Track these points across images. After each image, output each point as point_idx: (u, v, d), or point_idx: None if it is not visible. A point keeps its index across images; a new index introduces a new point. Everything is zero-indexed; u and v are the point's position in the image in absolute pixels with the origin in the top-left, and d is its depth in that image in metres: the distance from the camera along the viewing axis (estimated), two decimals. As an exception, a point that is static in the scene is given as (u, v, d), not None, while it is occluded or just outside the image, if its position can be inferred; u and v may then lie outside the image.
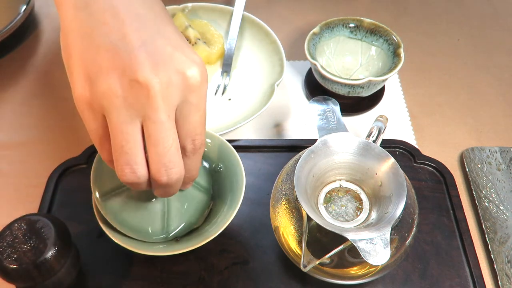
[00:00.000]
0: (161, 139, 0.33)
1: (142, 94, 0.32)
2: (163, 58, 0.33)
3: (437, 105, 0.63)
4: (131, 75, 0.32)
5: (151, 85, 0.32)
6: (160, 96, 0.32)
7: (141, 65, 0.32)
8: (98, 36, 0.33)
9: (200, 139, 0.36)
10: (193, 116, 0.35)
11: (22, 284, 0.39)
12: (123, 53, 0.32)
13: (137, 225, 0.42)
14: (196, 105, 0.35)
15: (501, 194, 0.53)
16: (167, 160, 0.34)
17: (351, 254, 0.40)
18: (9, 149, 0.58)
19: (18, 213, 0.41)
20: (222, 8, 0.69)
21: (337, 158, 0.43)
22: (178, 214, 0.44)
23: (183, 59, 0.33)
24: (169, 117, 0.33)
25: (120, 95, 0.32)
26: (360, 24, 0.61)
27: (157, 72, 0.32)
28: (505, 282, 0.46)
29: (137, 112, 0.32)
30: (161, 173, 0.34)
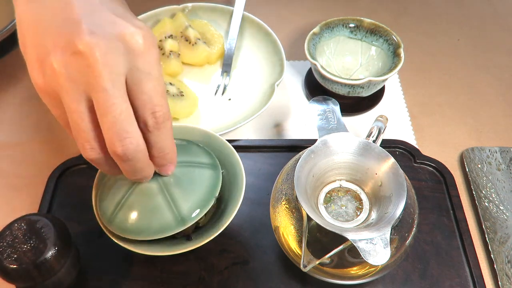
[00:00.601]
0: (108, 108, 0.32)
1: (83, 64, 0.31)
2: (103, 25, 0.32)
3: (437, 105, 0.63)
4: (71, 48, 0.31)
5: (89, 52, 0.31)
6: (101, 63, 0.31)
7: (79, 35, 0.31)
8: (46, 21, 0.33)
9: (161, 110, 0.34)
10: (145, 84, 0.33)
11: (22, 284, 0.40)
12: (65, 30, 0.32)
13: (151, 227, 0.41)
14: (146, 72, 0.33)
15: (501, 194, 0.53)
16: (119, 129, 0.32)
17: (351, 254, 0.40)
18: (9, 149, 0.58)
19: (18, 213, 0.41)
20: (222, 8, 0.69)
21: (337, 158, 0.43)
22: (184, 197, 0.42)
23: (124, 24, 0.33)
24: (114, 85, 0.32)
25: (64, 72, 0.32)
26: (360, 24, 0.61)
27: (95, 38, 0.31)
28: (505, 282, 0.46)
29: (83, 86, 0.32)
30: (114, 144, 0.33)
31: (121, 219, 0.42)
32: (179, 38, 0.65)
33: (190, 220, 0.41)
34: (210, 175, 0.44)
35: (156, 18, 0.67)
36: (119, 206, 0.42)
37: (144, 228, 0.41)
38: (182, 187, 0.42)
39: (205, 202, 0.42)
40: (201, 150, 0.46)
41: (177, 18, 0.66)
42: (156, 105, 0.34)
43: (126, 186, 0.42)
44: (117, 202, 0.42)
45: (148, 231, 0.41)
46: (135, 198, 0.41)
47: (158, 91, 0.34)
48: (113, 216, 0.42)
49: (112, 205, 0.42)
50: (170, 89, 0.59)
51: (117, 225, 0.42)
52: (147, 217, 0.41)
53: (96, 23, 0.32)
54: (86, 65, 0.31)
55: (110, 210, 0.42)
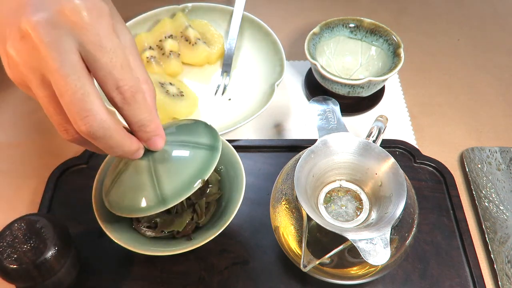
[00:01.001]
0: (62, 88, 0.31)
1: (31, 47, 0.30)
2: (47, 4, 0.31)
3: (437, 105, 0.63)
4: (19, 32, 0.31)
5: (33, 32, 0.30)
6: (45, 42, 0.30)
7: (22, 18, 0.30)
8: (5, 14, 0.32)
9: (125, 84, 0.32)
10: (100, 58, 0.31)
11: (22, 284, 0.40)
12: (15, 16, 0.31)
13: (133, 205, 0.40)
14: (97, 45, 0.31)
15: (501, 194, 0.53)
16: (78, 109, 0.31)
17: (351, 254, 0.40)
18: (9, 149, 0.58)
19: (18, 213, 0.41)
20: (222, 8, 0.69)
21: (337, 158, 0.43)
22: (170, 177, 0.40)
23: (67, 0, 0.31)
24: (63, 62, 0.30)
25: (20, 60, 0.31)
26: (360, 24, 0.61)
27: (36, 18, 0.30)
28: (505, 282, 0.46)
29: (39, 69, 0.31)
30: (77, 123, 0.32)
31: (112, 195, 0.41)
32: (179, 38, 0.65)
33: (171, 202, 0.39)
34: (204, 156, 0.41)
35: (156, 18, 0.67)
36: (113, 182, 0.41)
37: (127, 205, 0.40)
38: (170, 167, 0.40)
39: (190, 185, 0.40)
40: (205, 130, 0.43)
41: (177, 18, 0.66)
42: (119, 79, 0.32)
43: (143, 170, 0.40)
44: (113, 178, 0.41)
45: (130, 209, 0.40)
46: (126, 174, 0.40)
47: (116, 64, 0.32)
48: (108, 192, 0.41)
49: (109, 181, 0.42)
50: (170, 89, 0.59)
51: (109, 200, 0.41)
52: (131, 194, 0.40)
53: (42, 3, 0.31)
54: (33, 47, 0.30)
55: (107, 186, 0.42)
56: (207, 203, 0.46)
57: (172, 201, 0.39)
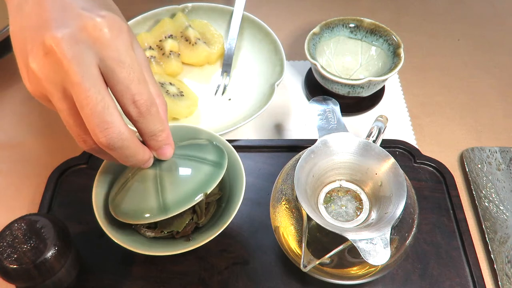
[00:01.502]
0: (83, 101, 0.32)
1: (54, 61, 0.32)
2: (69, 21, 0.32)
3: (437, 105, 0.63)
4: (42, 48, 0.32)
5: (56, 48, 0.31)
6: (68, 56, 0.31)
7: (46, 34, 0.32)
8: (26, 30, 0.34)
9: (141, 98, 0.34)
10: (119, 73, 0.33)
11: (22, 284, 0.40)
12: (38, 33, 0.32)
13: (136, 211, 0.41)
14: (116, 60, 0.33)
15: (501, 194, 0.53)
16: (98, 121, 0.33)
17: (351, 254, 0.40)
18: (9, 149, 0.58)
19: (18, 213, 0.41)
20: (222, 8, 0.69)
21: (337, 158, 0.43)
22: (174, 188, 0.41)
23: (88, 15, 0.33)
24: (85, 76, 0.32)
25: (42, 74, 0.32)
26: (360, 24, 0.61)
27: (59, 34, 0.31)
28: (505, 282, 0.46)
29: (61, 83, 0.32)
30: (97, 135, 0.33)
31: (118, 200, 0.42)
32: (179, 38, 0.65)
33: (171, 211, 0.41)
34: (208, 171, 0.43)
35: (156, 18, 0.67)
36: (120, 189, 0.43)
37: (130, 210, 0.41)
38: (175, 178, 0.41)
39: (191, 196, 0.41)
40: (213, 149, 0.45)
41: (177, 18, 0.66)
42: (135, 93, 0.34)
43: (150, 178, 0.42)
44: (120, 186, 0.43)
45: (132, 214, 0.41)
46: (133, 181, 0.42)
47: (133, 78, 0.34)
48: (114, 198, 0.43)
49: (116, 188, 0.43)
50: (170, 89, 0.59)
51: (114, 206, 0.43)
52: (135, 201, 0.41)
53: (64, 20, 0.33)
54: (56, 62, 0.32)
55: (114, 193, 0.43)
56: (207, 203, 0.46)
57: (173, 210, 0.41)
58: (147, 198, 0.41)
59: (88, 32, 0.32)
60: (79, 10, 0.33)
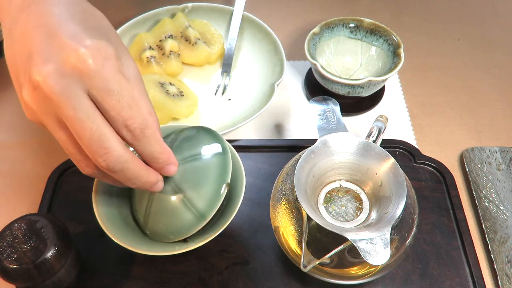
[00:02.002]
0: (79, 132, 0.33)
1: (44, 97, 0.32)
2: (53, 54, 0.32)
3: (437, 105, 0.63)
4: (31, 83, 0.32)
5: (43, 84, 0.31)
6: (56, 91, 0.31)
7: (33, 69, 0.32)
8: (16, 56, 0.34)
9: (134, 123, 0.34)
10: (108, 101, 0.33)
11: (22, 284, 0.40)
12: (26, 66, 0.33)
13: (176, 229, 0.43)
14: (104, 89, 0.33)
15: (501, 194, 0.53)
16: (96, 147, 0.33)
17: (351, 254, 0.40)
18: (9, 149, 0.58)
19: (18, 213, 0.41)
20: (222, 8, 0.69)
21: (337, 158, 0.43)
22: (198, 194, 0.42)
23: (72, 46, 0.32)
24: (76, 108, 0.32)
25: (35, 107, 0.33)
26: (360, 24, 0.61)
27: (44, 69, 0.31)
28: (505, 282, 0.46)
29: (55, 115, 0.33)
30: (97, 160, 0.34)
31: (151, 226, 0.43)
32: (179, 38, 0.65)
33: (208, 215, 0.42)
34: (217, 163, 0.43)
35: (156, 18, 0.67)
36: (147, 214, 0.43)
37: (171, 231, 0.43)
38: (193, 184, 0.42)
39: (217, 192, 0.42)
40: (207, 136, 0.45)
41: (177, 18, 0.66)
42: (127, 119, 0.34)
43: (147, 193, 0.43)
44: (145, 211, 0.44)
45: (175, 234, 0.43)
46: (157, 204, 0.42)
47: (124, 105, 0.33)
48: (146, 224, 0.44)
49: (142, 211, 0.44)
50: (170, 89, 0.59)
51: (151, 232, 0.44)
52: (170, 221, 0.42)
53: (48, 51, 0.32)
54: (45, 97, 0.32)
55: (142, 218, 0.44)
56: None
57: (209, 213, 0.42)
58: (182, 214, 0.42)
59: (73, 64, 0.32)
60: (65, 39, 0.32)
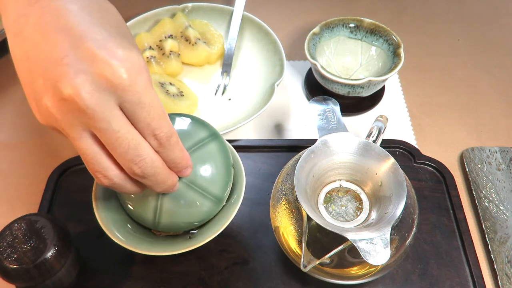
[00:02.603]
0: (114, 143, 0.33)
1: (75, 109, 0.31)
2: (84, 65, 0.32)
3: (437, 105, 0.63)
4: (58, 94, 0.31)
5: (76, 97, 0.31)
6: (90, 106, 0.31)
7: (63, 80, 0.31)
8: (32, 60, 0.33)
9: (161, 132, 0.35)
10: (139, 114, 0.33)
11: (22, 284, 0.40)
12: (50, 71, 0.32)
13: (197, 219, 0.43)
14: (136, 102, 0.33)
15: (501, 194, 0.53)
16: (131, 156, 0.33)
17: (351, 254, 0.40)
18: (9, 149, 0.58)
19: (18, 213, 0.41)
20: (222, 8, 0.69)
21: (337, 158, 0.43)
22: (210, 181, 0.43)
23: (105, 59, 0.32)
24: (111, 121, 0.32)
25: (59, 117, 0.32)
26: (360, 24, 0.61)
27: (78, 83, 0.31)
28: (505, 282, 0.46)
29: (81, 125, 0.32)
30: (132, 167, 0.34)
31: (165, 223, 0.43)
32: (179, 38, 0.65)
33: (224, 197, 0.44)
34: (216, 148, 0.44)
35: (156, 18, 0.67)
36: (157, 215, 0.42)
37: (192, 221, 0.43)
38: (203, 173, 0.42)
39: (228, 174, 0.44)
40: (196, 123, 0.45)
41: (177, 18, 0.66)
42: (155, 129, 0.34)
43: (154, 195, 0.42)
44: (154, 210, 0.42)
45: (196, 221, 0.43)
46: (170, 203, 0.42)
47: (154, 116, 0.34)
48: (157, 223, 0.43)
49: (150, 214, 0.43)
50: (170, 89, 0.59)
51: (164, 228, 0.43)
52: (190, 212, 0.42)
53: (78, 61, 0.32)
54: (77, 109, 0.31)
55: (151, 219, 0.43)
56: None
57: (225, 196, 0.44)
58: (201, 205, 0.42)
59: (107, 79, 0.31)
60: (93, 48, 0.32)
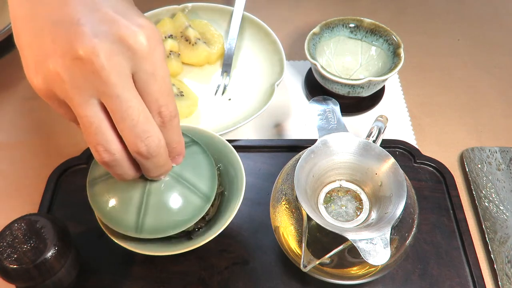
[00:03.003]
0: (125, 113, 0.31)
1: (88, 70, 0.30)
2: (103, 27, 0.30)
3: (437, 105, 0.63)
4: (72, 53, 0.30)
5: (93, 58, 0.29)
6: (107, 68, 0.30)
7: (80, 39, 0.29)
8: (40, 20, 0.31)
9: (167, 110, 0.34)
10: (151, 86, 0.32)
11: (22, 284, 0.40)
12: (63, 31, 0.30)
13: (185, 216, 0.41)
14: (151, 73, 0.32)
15: (501, 194, 0.53)
16: (139, 131, 0.32)
17: (351, 254, 0.40)
18: (9, 149, 0.58)
19: (18, 213, 0.41)
20: (222, 8, 0.69)
21: (337, 158, 0.43)
22: (198, 178, 0.42)
23: (126, 24, 0.31)
24: (125, 88, 0.31)
25: (67, 79, 0.30)
26: (360, 24, 0.61)
27: (97, 43, 0.29)
28: (505, 282, 0.46)
29: (90, 90, 0.31)
30: (137, 144, 0.33)
31: (151, 222, 0.40)
32: (179, 38, 0.65)
33: (212, 195, 0.43)
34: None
35: (156, 18, 0.67)
36: (142, 212, 0.40)
37: (180, 219, 0.41)
38: (191, 170, 0.42)
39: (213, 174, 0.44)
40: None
41: (177, 18, 0.66)
42: (162, 105, 0.33)
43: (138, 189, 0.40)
44: (138, 209, 0.40)
45: (184, 221, 0.41)
46: (157, 197, 0.40)
47: (164, 91, 0.33)
48: (140, 224, 0.40)
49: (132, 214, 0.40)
50: (170, 89, 0.59)
51: (149, 230, 0.41)
52: (179, 209, 0.41)
53: (96, 23, 0.30)
54: (91, 71, 0.30)
55: (133, 220, 0.40)
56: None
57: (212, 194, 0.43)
58: (189, 199, 0.41)
59: (127, 43, 0.31)
60: (112, 13, 0.31)
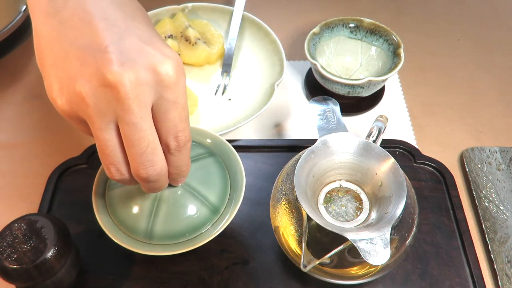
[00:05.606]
0: (136, 141, 0.33)
1: (112, 97, 0.31)
2: (131, 55, 0.31)
3: (437, 105, 0.63)
4: (99, 79, 0.31)
5: (120, 85, 0.30)
6: (131, 97, 0.31)
7: (108, 66, 0.30)
8: (67, 42, 0.32)
9: (183, 135, 0.35)
10: (172, 113, 0.33)
11: (22, 284, 0.39)
12: (91, 57, 0.31)
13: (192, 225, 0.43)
14: (173, 101, 0.33)
15: (501, 194, 0.53)
16: (144, 159, 0.33)
17: (351, 254, 0.40)
18: (9, 149, 0.58)
19: (18, 213, 0.41)
20: (222, 8, 0.69)
21: (337, 158, 0.43)
22: (208, 189, 0.43)
23: (154, 53, 0.32)
24: (143, 118, 0.32)
25: (91, 104, 0.31)
26: (360, 24, 0.61)
27: (125, 71, 0.30)
28: (505, 282, 0.46)
29: (111, 116, 0.32)
30: (139, 170, 0.34)
31: (160, 230, 0.42)
32: (179, 38, 0.65)
33: (221, 208, 0.44)
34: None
35: (156, 18, 0.67)
36: (151, 219, 0.42)
37: (188, 228, 0.42)
38: (202, 181, 0.43)
39: (225, 186, 0.45)
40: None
41: (177, 18, 0.66)
42: (179, 130, 0.34)
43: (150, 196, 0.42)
44: (148, 216, 0.42)
45: (192, 230, 0.43)
46: (167, 205, 0.42)
47: (182, 118, 0.34)
48: (150, 231, 0.42)
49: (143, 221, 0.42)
50: (170, 89, 0.59)
51: (159, 237, 0.42)
52: (187, 218, 0.42)
53: (124, 51, 0.31)
54: (115, 98, 0.31)
55: (144, 226, 0.42)
56: None
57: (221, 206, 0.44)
58: (198, 210, 0.43)
59: (155, 72, 0.31)
60: (139, 42, 0.32)
